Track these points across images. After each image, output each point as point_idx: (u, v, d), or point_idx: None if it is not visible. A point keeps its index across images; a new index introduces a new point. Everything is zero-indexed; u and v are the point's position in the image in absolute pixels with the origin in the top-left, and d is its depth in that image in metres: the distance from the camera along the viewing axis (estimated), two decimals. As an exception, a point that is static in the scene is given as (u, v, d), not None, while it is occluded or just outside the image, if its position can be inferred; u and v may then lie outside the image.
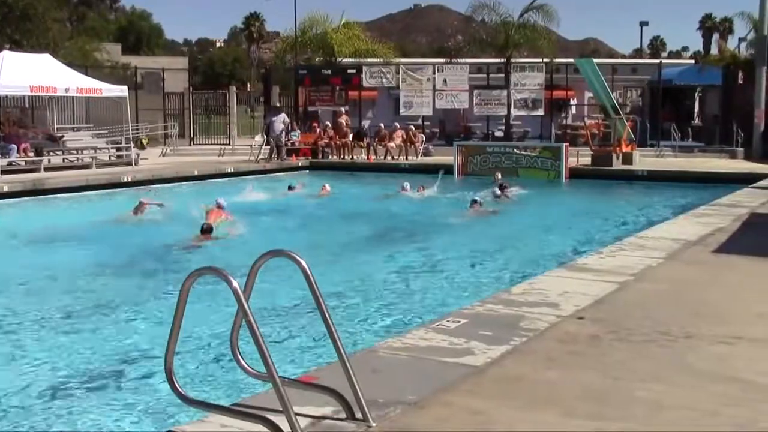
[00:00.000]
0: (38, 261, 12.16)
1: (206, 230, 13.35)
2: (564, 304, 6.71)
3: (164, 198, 17.99)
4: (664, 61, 42.62)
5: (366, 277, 10.92)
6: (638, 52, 67.16)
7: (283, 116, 28.79)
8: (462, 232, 14.94)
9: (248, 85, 68.89)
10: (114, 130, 28.51)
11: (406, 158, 28.24)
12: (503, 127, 33.95)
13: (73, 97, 27.39)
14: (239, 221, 14.86)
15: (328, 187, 20.93)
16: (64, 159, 25.32)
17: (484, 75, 33.80)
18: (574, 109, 38.53)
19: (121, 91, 26.64)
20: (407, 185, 20.70)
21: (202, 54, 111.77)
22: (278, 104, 32.34)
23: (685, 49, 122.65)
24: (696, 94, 41.12)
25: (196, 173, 24.62)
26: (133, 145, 27.19)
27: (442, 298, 9.54)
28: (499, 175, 22.97)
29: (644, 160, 26.49)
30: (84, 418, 5.89)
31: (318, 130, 30.37)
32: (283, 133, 28.31)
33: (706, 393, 4.64)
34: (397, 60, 37.48)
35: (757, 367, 5.10)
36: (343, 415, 3.95)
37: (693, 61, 48.51)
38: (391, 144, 28.63)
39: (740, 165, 25.65)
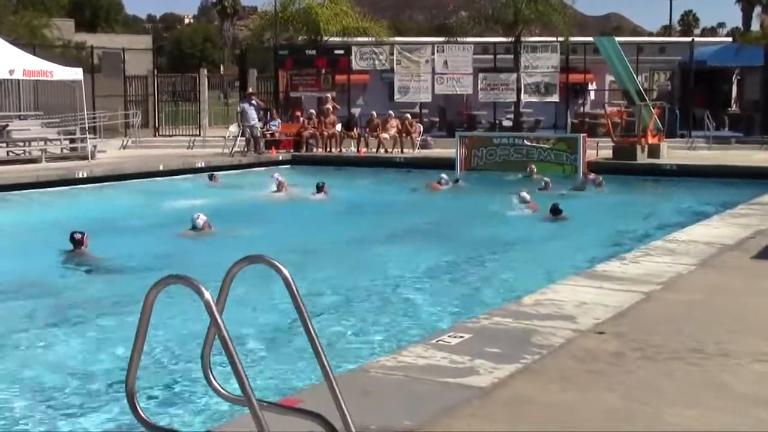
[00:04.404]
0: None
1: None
2: (581, 317, 6.72)
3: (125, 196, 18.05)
4: (696, 39, 42.67)
5: (356, 284, 10.94)
6: (667, 30, 67.33)
7: (256, 102, 28.79)
8: (471, 233, 15.06)
9: (221, 68, 68.88)
10: (67, 119, 28.43)
11: (402, 151, 28.24)
12: (512, 116, 33.97)
13: (18, 80, 27.31)
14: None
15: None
16: (8, 152, 25.26)
17: (491, 56, 33.82)
18: (593, 95, 38.57)
19: (75, 73, 26.54)
20: (444, 177, 21.25)
21: (169, 32, 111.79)
22: (251, 89, 32.30)
23: (721, 25, 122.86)
24: (734, 76, 41.16)
25: (161, 168, 24.59)
26: (89, 136, 27.14)
27: (444, 310, 9.56)
28: (534, 168, 23.00)
29: (673, 153, 26.52)
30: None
31: (301, 119, 30.35)
32: (257, 121, 28.26)
33: (746, 418, 4.65)
34: (391, 39, 37.45)
35: (802, 389, 5.12)
36: (329, 444, 3.95)
37: (730, 39, 48.57)
38: (385, 135, 28.63)
39: (783, 158, 25.70)
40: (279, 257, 3.73)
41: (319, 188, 19.76)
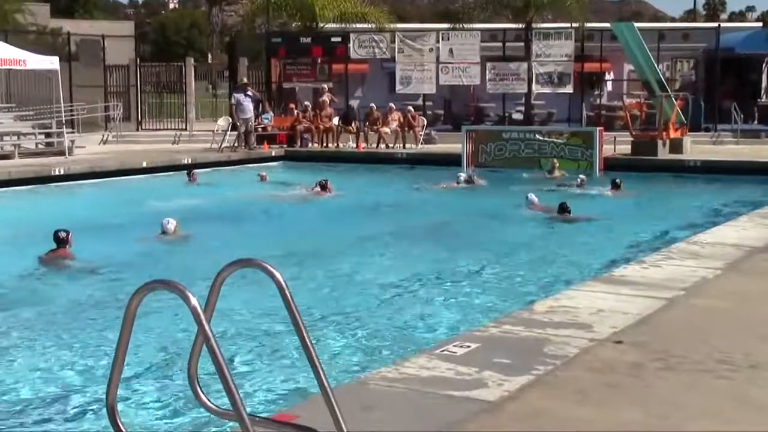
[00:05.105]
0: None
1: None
2: (598, 325, 6.72)
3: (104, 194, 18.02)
4: (723, 24, 42.63)
5: (355, 289, 10.96)
6: (691, 15, 67.38)
7: (251, 93, 28.80)
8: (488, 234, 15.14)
9: (209, 57, 68.92)
10: (42, 112, 28.43)
11: (404, 146, 28.24)
12: (523, 108, 33.96)
13: (-11, 70, 27.37)
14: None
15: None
16: (-20, 147, 25.30)
17: (500, 44, 33.80)
18: (610, 86, 38.57)
19: (51, 62, 26.57)
20: (462, 176, 21.49)
21: (152, 18, 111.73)
22: (245, 80, 32.29)
23: (750, 9, 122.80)
24: (764, 65, 41.14)
25: (144, 165, 24.59)
26: (67, 130, 27.11)
27: (454, 316, 9.57)
28: (557, 163, 23.02)
29: (697, 148, 26.53)
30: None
31: (295, 111, 30.35)
32: (252, 114, 28.29)
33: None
34: (392, 26, 37.45)
35: (837, 402, 5.12)
36: (326, 462, 3.96)
37: (760, 25, 48.57)
38: (385, 129, 28.64)
39: (817, 154, 25.68)
40: (270, 260, 3.73)
41: (323, 186, 19.78)
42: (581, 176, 20.78)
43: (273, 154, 28.09)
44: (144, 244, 13.89)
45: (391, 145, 28.46)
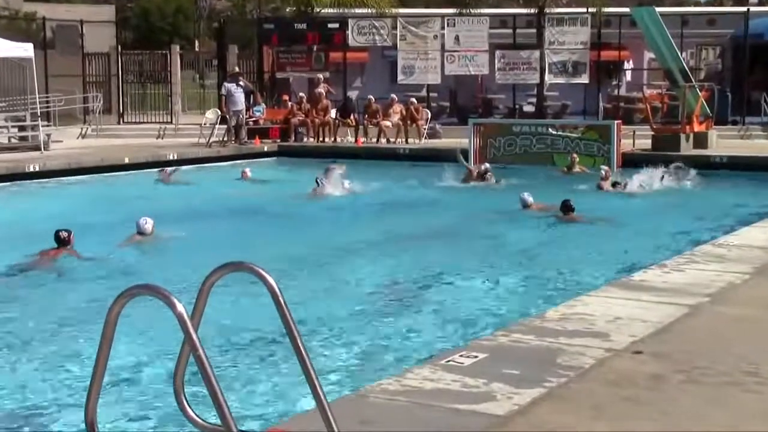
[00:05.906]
0: None
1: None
2: (615, 334, 6.73)
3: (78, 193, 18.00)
4: (752, 9, 42.53)
5: (353, 294, 10.96)
6: (716, -1, 67.16)
7: (244, 83, 28.79)
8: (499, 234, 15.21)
9: (196, 44, 68.85)
10: (15, 103, 28.44)
11: (406, 141, 28.26)
12: (534, 100, 33.94)
13: (-42, 58, 27.38)
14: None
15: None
16: (-51, 142, 25.32)
17: (510, 30, 33.79)
18: (629, 75, 38.56)
19: (25, 50, 26.57)
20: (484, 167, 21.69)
21: (135, 2, 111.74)
22: (237, 69, 32.29)
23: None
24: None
25: (127, 161, 24.60)
26: (42, 123, 27.12)
27: (461, 324, 9.58)
28: (576, 158, 22.99)
29: (723, 143, 26.53)
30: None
31: (290, 103, 30.35)
32: (244, 106, 28.30)
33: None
34: (394, 11, 37.41)
35: None
36: (322, 481, 3.96)
37: (792, 9, 48.47)
38: (386, 122, 28.63)
39: None
40: (263, 264, 3.74)
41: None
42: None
43: (265, 149, 28.07)
44: (119, 246, 13.88)
45: (392, 140, 28.47)
